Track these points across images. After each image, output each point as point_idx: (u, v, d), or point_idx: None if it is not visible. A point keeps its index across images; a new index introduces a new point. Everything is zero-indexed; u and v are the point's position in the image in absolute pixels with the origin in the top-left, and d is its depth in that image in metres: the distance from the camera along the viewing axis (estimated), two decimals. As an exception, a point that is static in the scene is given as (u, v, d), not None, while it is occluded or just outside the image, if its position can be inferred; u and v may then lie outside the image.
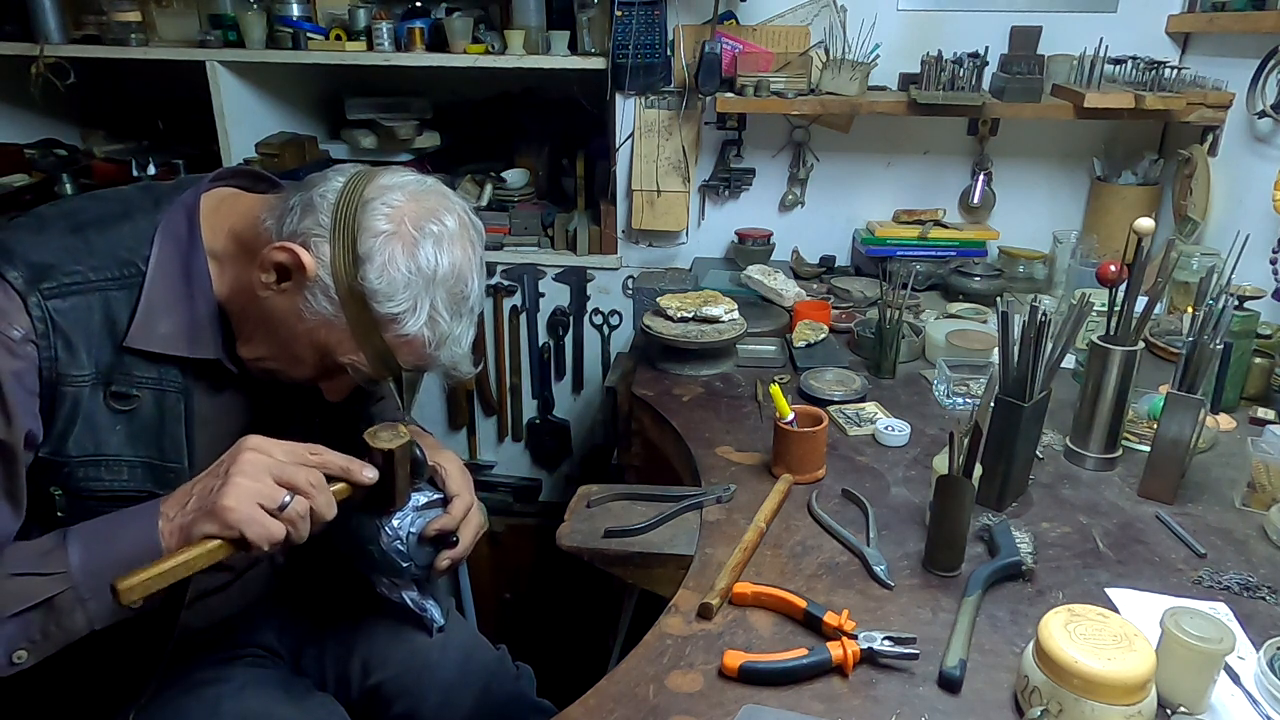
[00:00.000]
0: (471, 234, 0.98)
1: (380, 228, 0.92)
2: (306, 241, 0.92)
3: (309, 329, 0.95)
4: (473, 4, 2.35)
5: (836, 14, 2.11)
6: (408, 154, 2.46)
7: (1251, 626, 1.03)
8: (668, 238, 2.36)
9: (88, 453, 0.94)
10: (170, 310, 0.96)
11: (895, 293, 1.66)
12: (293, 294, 0.93)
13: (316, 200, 0.93)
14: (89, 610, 0.85)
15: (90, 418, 0.93)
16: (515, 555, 2.53)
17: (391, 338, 0.94)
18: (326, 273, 0.92)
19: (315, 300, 0.93)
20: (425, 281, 0.93)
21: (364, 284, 0.91)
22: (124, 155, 2.50)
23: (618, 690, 0.93)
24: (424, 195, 0.96)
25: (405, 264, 0.92)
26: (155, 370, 0.97)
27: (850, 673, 0.95)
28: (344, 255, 0.92)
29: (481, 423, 2.59)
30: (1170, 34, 2.10)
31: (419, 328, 0.94)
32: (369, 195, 0.93)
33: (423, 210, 0.94)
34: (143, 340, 0.95)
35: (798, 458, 1.32)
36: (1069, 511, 1.26)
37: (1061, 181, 2.25)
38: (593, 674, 0.97)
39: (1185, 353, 1.24)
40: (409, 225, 0.93)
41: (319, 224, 0.92)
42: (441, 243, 0.94)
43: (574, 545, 1.21)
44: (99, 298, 0.93)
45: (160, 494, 0.96)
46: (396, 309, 0.92)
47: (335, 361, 0.97)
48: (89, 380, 0.93)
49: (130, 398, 0.95)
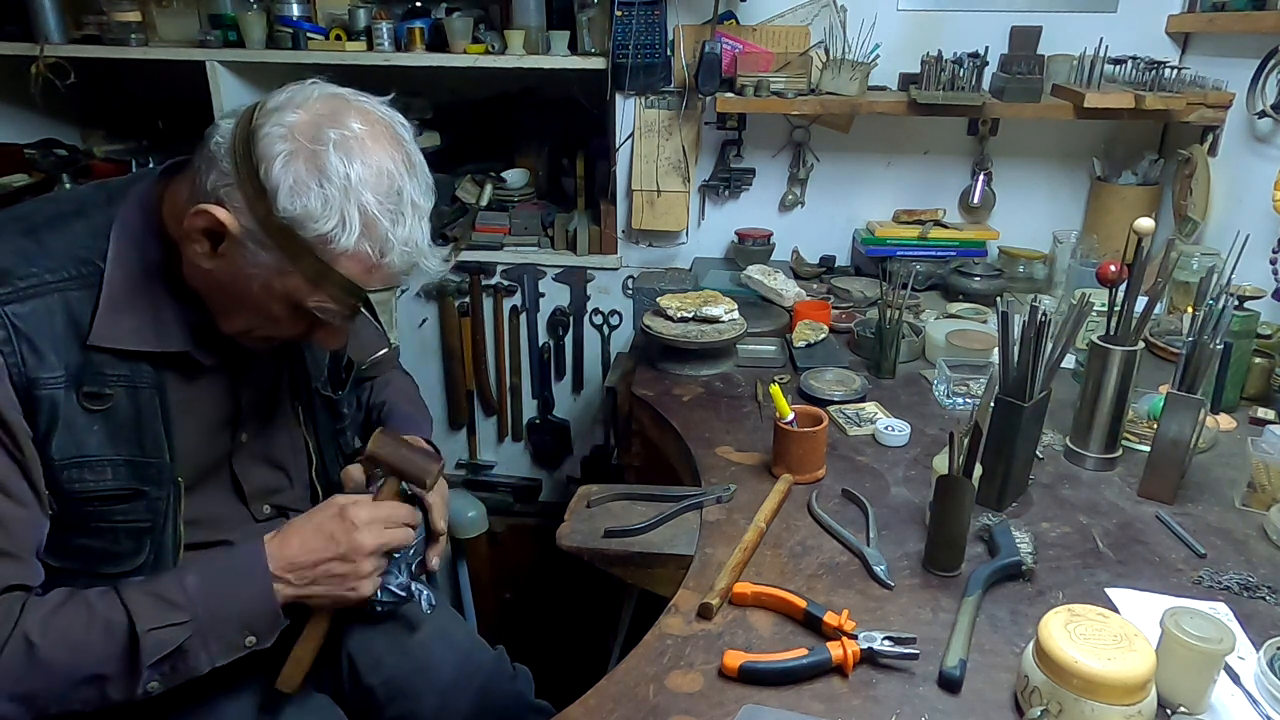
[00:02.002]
0: (386, 130, 0.92)
1: (276, 150, 0.86)
2: (219, 197, 0.88)
3: (263, 283, 0.92)
4: (473, 4, 2.35)
5: (836, 14, 2.10)
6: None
7: (1251, 626, 1.03)
8: (668, 238, 2.36)
9: (70, 455, 0.93)
10: (133, 305, 0.95)
11: (895, 293, 1.66)
12: (231, 256, 0.90)
13: (213, 150, 0.89)
14: (211, 653, 0.92)
15: (68, 420, 0.92)
16: (515, 555, 2.53)
17: (334, 258, 0.89)
18: (247, 219, 0.88)
19: (252, 253, 0.89)
20: (341, 190, 0.87)
21: (282, 215, 0.86)
22: (124, 155, 2.50)
23: (618, 690, 0.93)
24: (315, 104, 0.90)
25: (314, 180, 0.86)
26: (125, 367, 0.95)
27: (850, 673, 0.95)
28: (255, 194, 0.87)
29: (481, 423, 2.59)
30: (1170, 34, 2.10)
31: (355, 239, 0.88)
32: (257, 123, 0.88)
33: (317, 119, 0.88)
34: (107, 338, 0.93)
35: (798, 458, 1.32)
36: (1069, 511, 1.26)
37: (1061, 181, 2.25)
38: (593, 674, 0.97)
39: (1185, 353, 1.24)
40: (305, 139, 0.87)
41: (223, 174, 0.88)
42: (349, 146, 0.88)
43: (574, 545, 1.21)
44: (59, 299, 0.91)
45: (145, 490, 0.98)
46: (323, 228, 0.87)
47: (304, 308, 0.94)
48: (60, 382, 0.91)
49: (103, 396, 0.94)
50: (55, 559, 0.96)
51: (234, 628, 0.93)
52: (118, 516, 0.98)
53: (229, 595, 0.93)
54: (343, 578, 0.97)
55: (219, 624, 0.92)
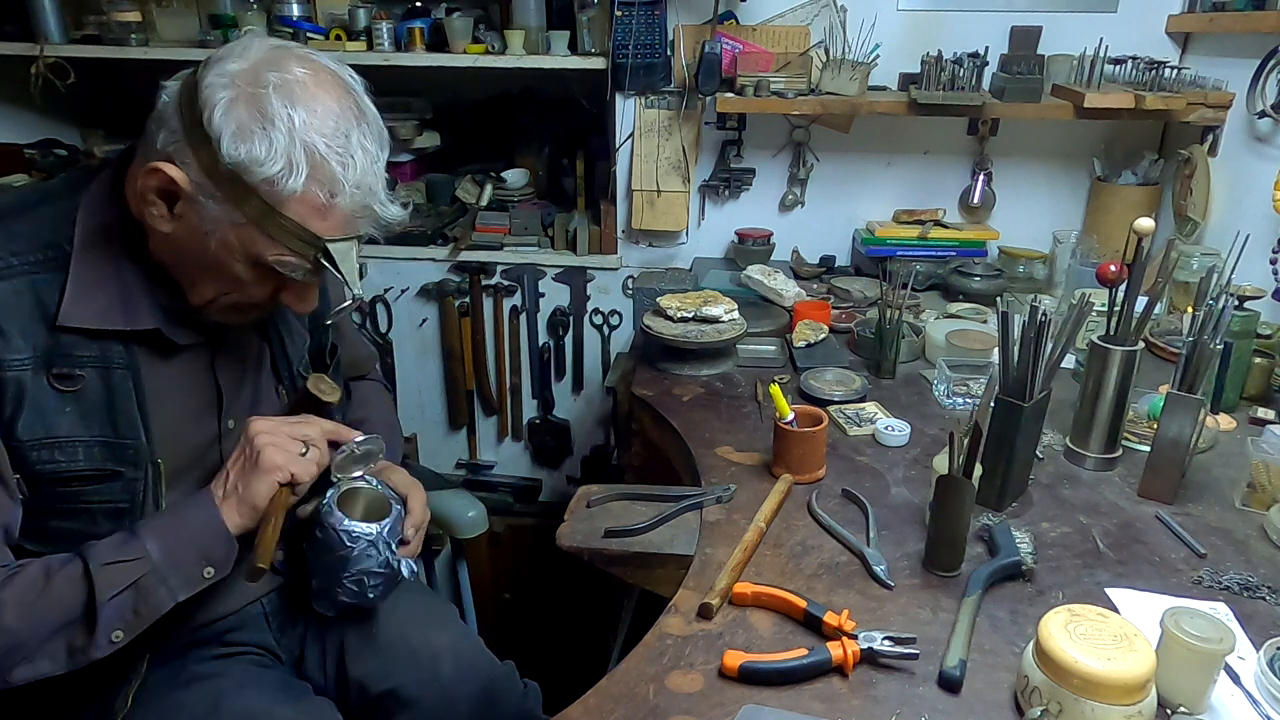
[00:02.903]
0: (336, 77, 0.93)
1: (219, 98, 0.87)
2: (168, 155, 0.89)
3: (221, 240, 0.92)
4: (473, 4, 2.35)
5: (836, 14, 2.11)
6: (408, 154, 2.46)
7: (1251, 626, 1.03)
8: (668, 238, 2.36)
9: (38, 436, 0.94)
10: (100, 286, 0.96)
11: (895, 293, 1.66)
12: (186, 214, 0.91)
13: (161, 110, 0.90)
14: (171, 586, 0.94)
15: (36, 401, 0.93)
16: (515, 555, 2.53)
17: (282, 202, 0.89)
18: (196, 173, 0.88)
19: (205, 207, 0.90)
20: (285, 132, 0.87)
21: (228, 161, 0.87)
22: (124, 155, 2.49)
23: (618, 690, 0.93)
24: (256, 54, 0.90)
25: (257, 123, 0.87)
26: (96, 347, 0.96)
27: (850, 673, 0.95)
28: (200, 144, 0.87)
29: (481, 423, 2.59)
30: (1170, 34, 2.10)
31: (303, 181, 0.88)
32: (200, 75, 0.89)
33: (258, 64, 0.89)
34: (75, 318, 0.94)
35: (798, 458, 1.32)
36: (1069, 511, 1.26)
37: (1061, 181, 2.25)
38: (593, 674, 0.97)
39: (1185, 353, 1.24)
40: (245, 85, 0.87)
41: (171, 131, 0.89)
42: (290, 90, 0.88)
43: (574, 545, 1.21)
44: (25, 281, 0.93)
45: (121, 471, 0.99)
46: (269, 170, 0.87)
47: (264, 263, 0.94)
48: (28, 364, 0.92)
49: (74, 377, 0.95)
50: (34, 543, 0.97)
51: (190, 558, 0.95)
52: (93, 497, 0.99)
53: (181, 527, 0.96)
54: (248, 458, 0.98)
55: (174, 556, 0.94)
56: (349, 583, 1.11)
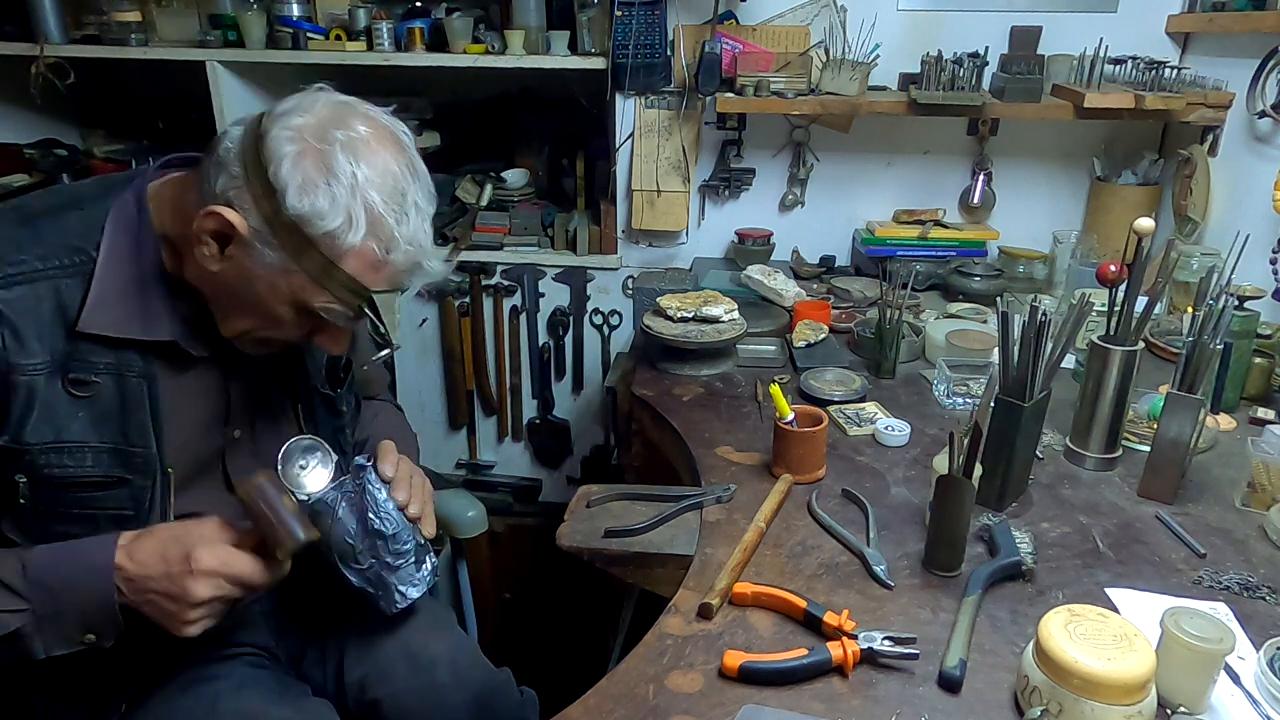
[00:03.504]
0: (388, 134, 0.95)
1: (284, 151, 0.89)
2: (228, 199, 0.90)
3: (269, 284, 0.93)
4: (473, 4, 2.35)
5: (836, 14, 2.11)
6: (408, 154, 2.45)
7: (1251, 626, 1.03)
8: (668, 238, 2.36)
9: (47, 440, 0.94)
10: (123, 294, 0.96)
11: (895, 293, 1.66)
12: (238, 256, 0.92)
13: (222, 155, 0.91)
14: (46, 642, 0.92)
15: (48, 405, 0.93)
16: (515, 555, 2.53)
17: (340, 256, 0.91)
18: (256, 220, 0.90)
19: (260, 253, 0.91)
20: (348, 189, 0.89)
21: (290, 213, 0.88)
22: (124, 155, 2.49)
23: (618, 690, 0.93)
24: (322, 109, 0.92)
25: (322, 178, 0.89)
26: (113, 355, 0.96)
27: (850, 673, 0.95)
28: (264, 194, 0.89)
29: (481, 423, 2.59)
30: (1170, 34, 2.10)
31: (362, 237, 0.90)
32: (267, 127, 0.90)
33: (325, 122, 0.91)
34: (95, 324, 0.94)
35: (798, 458, 1.32)
36: (1069, 511, 1.26)
37: (1061, 181, 2.25)
38: (593, 674, 0.97)
39: (1185, 353, 1.24)
40: (312, 140, 0.89)
41: (232, 177, 0.90)
42: (354, 147, 0.90)
43: (574, 545, 1.21)
44: (48, 286, 0.93)
45: (129, 478, 0.98)
46: (330, 225, 0.89)
47: (309, 309, 0.95)
48: (43, 368, 0.93)
49: (89, 384, 0.95)
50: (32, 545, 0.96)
51: (72, 623, 0.92)
52: (99, 503, 0.98)
53: (70, 590, 0.92)
54: (168, 614, 0.93)
55: (57, 617, 0.92)
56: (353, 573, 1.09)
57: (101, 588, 0.92)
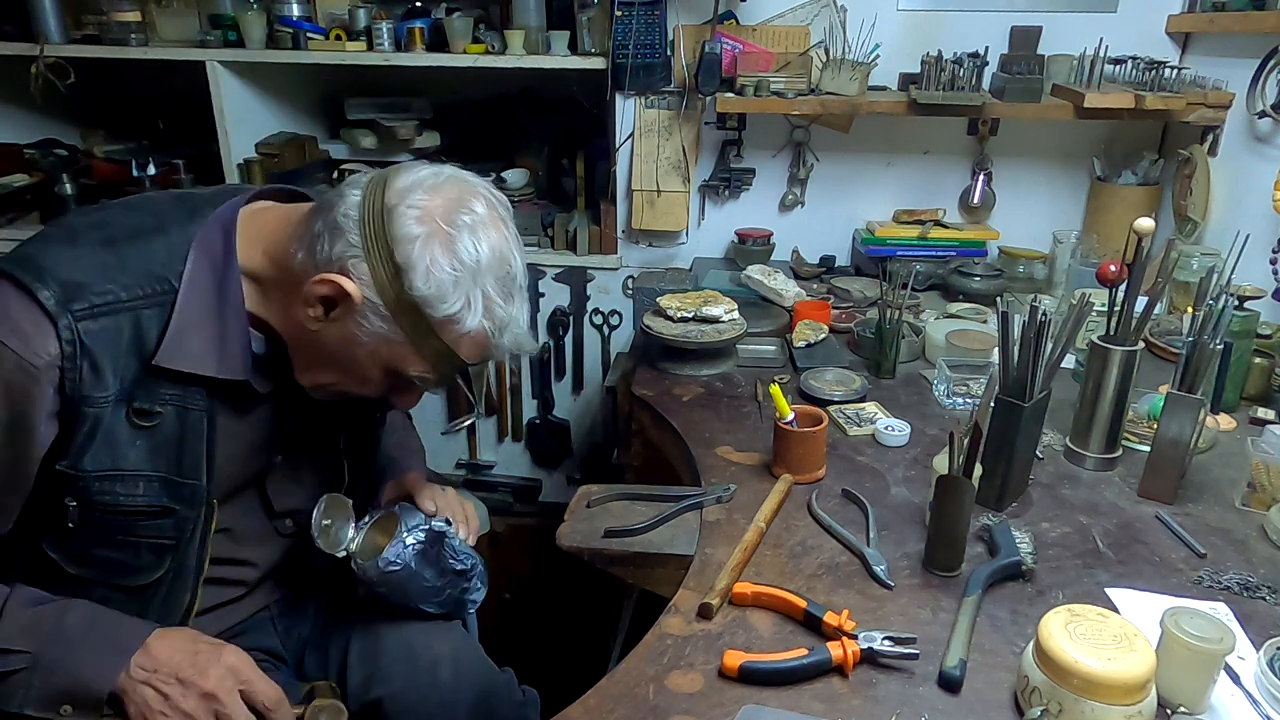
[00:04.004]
0: (500, 211, 0.96)
1: (414, 232, 0.89)
2: (344, 267, 0.90)
3: (369, 350, 0.94)
4: (473, 4, 2.35)
5: (836, 14, 2.10)
6: (408, 154, 2.46)
7: (1251, 626, 1.03)
8: (668, 238, 2.36)
9: (104, 468, 0.93)
10: (201, 329, 0.95)
11: (895, 293, 1.66)
12: (344, 321, 0.92)
13: (340, 220, 0.91)
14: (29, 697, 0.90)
15: (110, 433, 0.93)
16: (515, 555, 2.53)
17: (453, 338, 0.93)
18: (372, 292, 0.90)
19: (369, 322, 0.92)
20: (472, 274, 0.91)
21: (413, 293, 0.89)
22: (124, 155, 2.49)
23: (618, 690, 0.93)
24: (445, 187, 0.93)
25: (448, 262, 0.90)
26: (180, 388, 0.96)
27: (850, 673, 0.95)
28: (385, 270, 0.90)
29: (481, 423, 2.59)
30: (1170, 34, 2.10)
31: (478, 321, 0.92)
32: (391, 202, 0.90)
33: (449, 202, 0.92)
34: (171, 359, 0.94)
35: (798, 458, 1.32)
36: (1069, 511, 1.26)
37: (1061, 181, 2.25)
38: (593, 674, 0.97)
39: (1185, 353, 1.24)
40: (441, 222, 0.90)
41: (350, 245, 0.90)
42: (477, 230, 0.91)
43: (574, 545, 1.21)
44: (129, 317, 0.92)
45: (176, 509, 0.98)
46: (452, 309, 0.91)
47: (404, 375, 0.96)
48: (111, 399, 0.92)
49: (153, 414, 0.95)
50: (74, 566, 0.97)
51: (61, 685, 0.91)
52: (143, 531, 0.98)
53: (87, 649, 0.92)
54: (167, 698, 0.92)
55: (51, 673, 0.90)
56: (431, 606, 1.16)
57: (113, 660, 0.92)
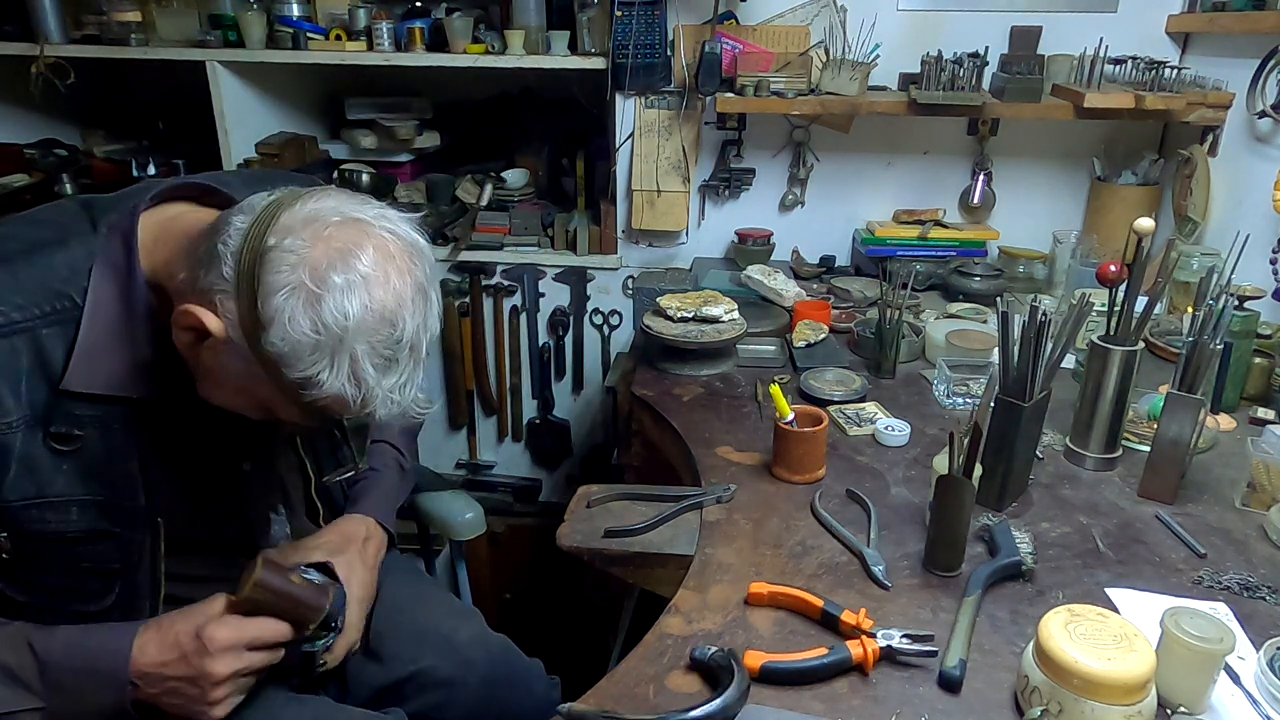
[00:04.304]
0: (400, 261, 0.85)
1: (280, 283, 0.80)
2: (212, 300, 0.83)
3: (239, 385, 0.88)
4: (473, 4, 2.35)
5: (836, 14, 2.11)
6: (408, 154, 2.46)
7: (1251, 626, 1.03)
8: (668, 238, 2.36)
9: (29, 496, 0.89)
10: (110, 349, 0.90)
11: (895, 293, 1.66)
12: (212, 353, 0.86)
13: (219, 250, 0.83)
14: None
15: (28, 460, 0.88)
16: (515, 555, 2.53)
17: (312, 399, 0.84)
18: (236, 333, 0.83)
19: (231, 361, 0.85)
20: (335, 339, 0.81)
21: (269, 348, 0.81)
22: (124, 155, 2.50)
23: (618, 690, 0.93)
24: (336, 233, 0.83)
25: (309, 323, 0.80)
26: (98, 408, 0.90)
27: (870, 671, 0.95)
28: (249, 315, 0.82)
29: (481, 423, 2.59)
30: (1170, 34, 2.10)
31: (340, 385, 0.83)
32: (269, 243, 0.82)
33: (329, 253, 0.81)
34: (81, 382, 0.88)
35: (798, 458, 1.32)
36: (1069, 511, 1.26)
37: (1061, 181, 2.25)
38: (593, 674, 0.97)
39: (1185, 353, 1.24)
40: (308, 278, 0.80)
41: (221, 278, 0.82)
42: (352, 291, 0.81)
43: (574, 545, 1.21)
44: (26, 338, 0.86)
45: (115, 531, 0.94)
46: (308, 371, 0.82)
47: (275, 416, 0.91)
48: (19, 425, 0.87)
49: (73, 438, 0.90)
50: (23, 594, 0.94)
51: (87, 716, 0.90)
52: (85, 557, 0.95)
53: (84, 693, 0.90)
54: (191, 698, 0.91)
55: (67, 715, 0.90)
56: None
57: (115, 694, 0.90)
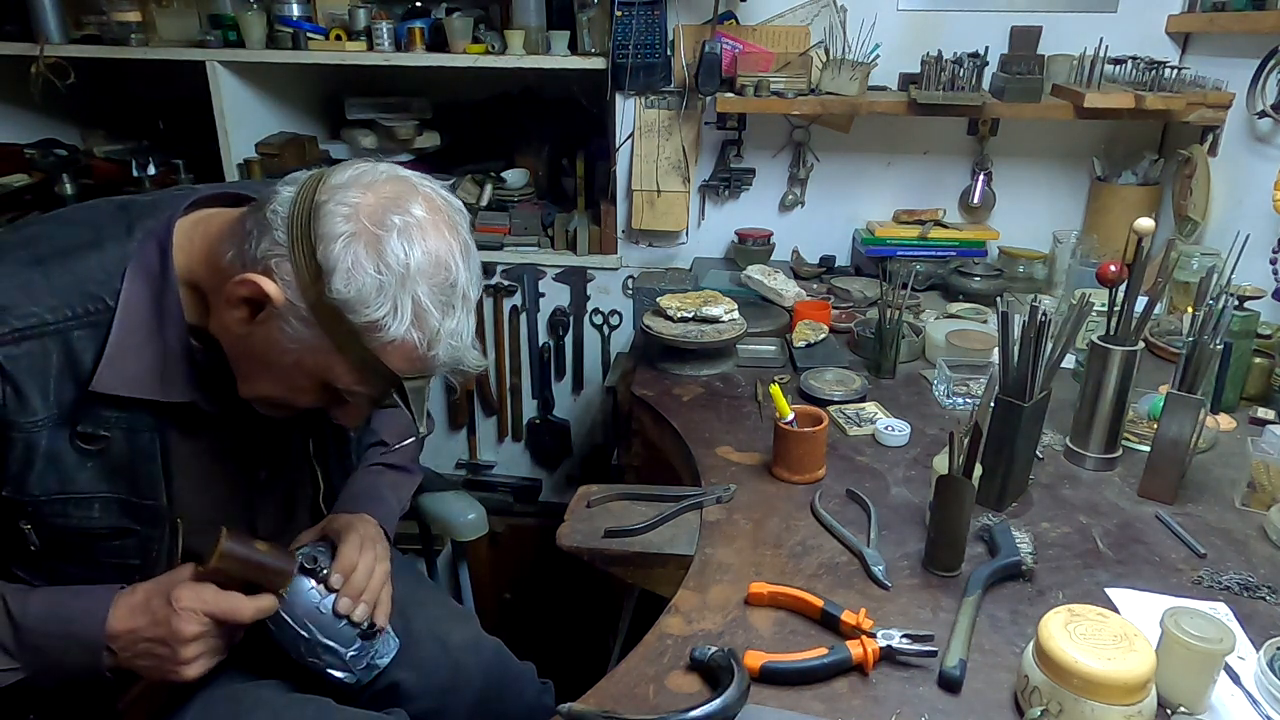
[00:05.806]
0: (448, 216, 0.89)
1: (338, 230, 0.83)
2: (268, 267, 0.85)
3: (296, 359, 0.88)
4: (473, 4, 2.35)
5: (836, 14, 2.11)
6: (408, 154, 2.46)
7: (1251, 626, 1.03)
8: (668, 238, 2.36)
9: (53, 491, 0.91)
10: (140, 352, 0.91)
11: (895, 293, 1.66)
12: (268, 325, 0.87)
13: (269, 218, 0.85)
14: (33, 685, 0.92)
15: (54, 457, 0.90)
16: (515, 555, 2.53)
17: (380, 346, 0.86)
18: (295, 294, 0.84)
19: (291, 327, 0.86)
20: (399, 279, 0.84)
21: (334, 296, 0.83)
22: (124, 155, 2.50)
23: (618, 690, 0.93)
24: (381, 185, 0.87)
25: (372, 264, 0.83)
26: (124, 411, 0.92)
27: (870, 671, 0.95)
28: (307, 270, 0.84)
29: (481, 423, 2.59)
30: (1170, 34, 2.10)
31: (405, 329, 0.85)
32: (320, 198, 0.85)
33: (382, 202, 0.85)
34: (110, 384, 0.90)
35: (798, 458, 1.32)
36: (1069, 511, 1.26)
37: (1061, 181, 2.25)
38: (593, 674, 0.97)
39: (1185, 353, 1.24)
40: (367, 222, 0.84)
41: (275, 243, 0.84)
42: (410, 233, 0.85)
43: (574, 545, 1.21)
44: (57, 340, 0.88)
45: (137, 529, 0.96)
46: (374, 315, 0.84)
47: (334, 387, 0.91)
48: (45, 423, 0.89)
49: (98, 438, 0.92)
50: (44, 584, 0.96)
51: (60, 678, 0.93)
52: (106, 553, 0.97)
53: (60, 657, 0.91)
54: (163, 659, 0.92)
55: (46, 674, 0.92)
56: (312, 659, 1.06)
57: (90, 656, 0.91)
